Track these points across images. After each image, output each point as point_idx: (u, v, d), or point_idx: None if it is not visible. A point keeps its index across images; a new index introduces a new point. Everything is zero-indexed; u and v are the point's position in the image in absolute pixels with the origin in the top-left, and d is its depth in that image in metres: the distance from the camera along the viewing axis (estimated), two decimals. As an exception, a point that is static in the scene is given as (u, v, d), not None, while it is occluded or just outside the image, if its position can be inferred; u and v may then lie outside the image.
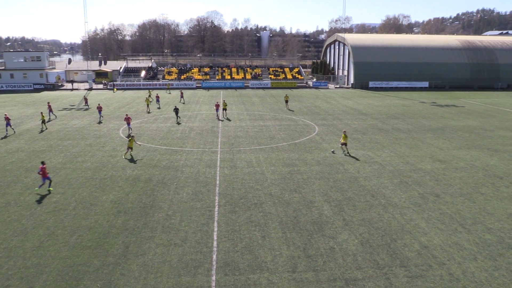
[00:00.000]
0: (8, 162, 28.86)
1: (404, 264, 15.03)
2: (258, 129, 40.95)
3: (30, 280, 13.99)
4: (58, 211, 20.03)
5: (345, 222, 18.68)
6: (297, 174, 25.95)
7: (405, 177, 25.43)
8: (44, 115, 42.00)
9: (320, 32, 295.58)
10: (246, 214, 19.62)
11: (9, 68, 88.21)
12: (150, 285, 13.69)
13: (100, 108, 47.23)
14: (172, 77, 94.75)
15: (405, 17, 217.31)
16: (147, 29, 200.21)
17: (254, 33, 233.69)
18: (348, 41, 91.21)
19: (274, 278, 14.14)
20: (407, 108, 56.37)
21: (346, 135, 30.68)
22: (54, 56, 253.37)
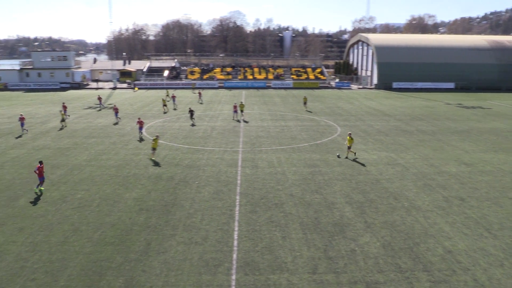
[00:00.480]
0: (35, 159, 29.57)
1: (427, 268, 14.76)
2: (280, 129, 40.88)
3: (55, 274, 14.31)
4: (82, 207, 20.43)
5: (366, 225, 18.47)
6: (319, 175, 25.80)
7: (429, 179, 24.98)
8: (63, 114, 43.15)
9: (343, 32, 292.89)
10: (266, 214, 19.61)
11: (37, 67, 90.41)
12: (171, 283, 13.82)
13: (116, 109, 46.32)
14: (194, 76, 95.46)
15: (430, 16, 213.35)
16: (171, 29, 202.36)
17: (276, 33, 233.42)
18: (371, 41, 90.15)
19: (294, 279, 14.09)
20: (432, 110, 55.36)
21: (352, 138, 29.49)
22: (80, 55, 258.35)
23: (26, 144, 34.00)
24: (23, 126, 39.07)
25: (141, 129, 37.03)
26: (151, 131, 39.50)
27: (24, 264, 14.96)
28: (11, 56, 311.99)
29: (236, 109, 48.03)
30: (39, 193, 22.39)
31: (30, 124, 43.07)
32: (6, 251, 15.92)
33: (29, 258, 15.45)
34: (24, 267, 14.79)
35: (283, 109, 55.16)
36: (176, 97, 60.51)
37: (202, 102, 62.75)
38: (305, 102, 56.45)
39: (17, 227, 18.15)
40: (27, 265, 14.94)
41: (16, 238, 17.04)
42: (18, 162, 28.71)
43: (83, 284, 13.71)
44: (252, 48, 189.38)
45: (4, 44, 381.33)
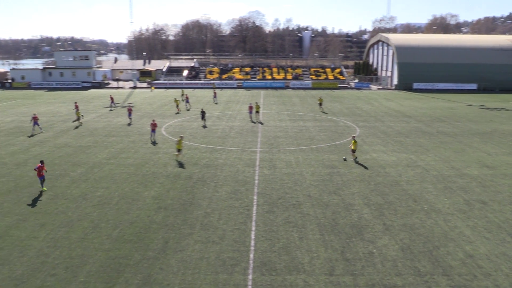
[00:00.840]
0: (56, 156, 30.15)
1: (447, 272, 14.50)
2: (298, 129, 40.74)
3: (74, 270, 14.55)
4: (102, 205, 20.73)
5: (385, 227, 18.25)
6: (337, 176, 25.61)
7: (450, 182, 24.54)
8: (78, 113, 43.87)
9: (363, 32, 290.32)
10: (284, 214, 19.56)
11: (59, 67, 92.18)
12: (188, 281, 13.90)
13: (130, 110, 45.15)
14: (213, 76, 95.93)
15: (453, 16, 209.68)
16: (190, 29, 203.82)
17: (295, 33, 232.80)
18: (392, 41, 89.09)
19: (311, 280, 14.02)
20: (454, 111, 54.39)
21: (356, 141, 28.92)
22: (101, 55, 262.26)
23: (48, 142, 34.67)
24: (37, 125, 39.16)
25: (154, 132, 35.64)
26: (170, 131, 39.85)
27: (45, 260, 15.26)
28: (35, 56, 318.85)
29: (251, 110, 47.40)
30: (44, 189, 22.76)
31: (52, 123, 43.93)
32: (28, 246, 16.26)
33: (50, 253, 15.75)
34: (45, 262, 15.08)
35: (302, 110, 54.96)
36: (189, 97, 59.20)
37: (217, 102, 62.69)
38: (320, 103, 55.60)
39: (39, 223, 18.52)
40: (48, 260, 15.23)
41: (38, 234, 17.40)
42: (40, 159, 29.25)
43: (101, 281, 13.90)
44: (271, 48, 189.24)
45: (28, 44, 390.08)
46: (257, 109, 47.15)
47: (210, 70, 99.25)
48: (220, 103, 61.98)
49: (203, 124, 42.74)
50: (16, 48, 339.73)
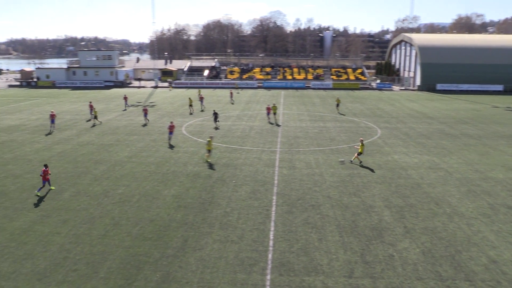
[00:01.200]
0: (79, 154, 30.70)
1: (470, 278, 14.17)
2: (318, 130, 40.50)
3: (95, 266, 14.77)
4: (123, 202, 21.01)
5: (406, 230, 17.97)
6: (357, 177, 25.35)
7: (474, 185, 24.01)
8: (96, 111, 44.09)
9: (385, 32, 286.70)
10: (303, 215, 19.46)
11: (83, 66, 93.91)
12: (206, 280, 13.96)
13: (146, 110, 44.38)
14: (234, 76, 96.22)
15: (478, 16, 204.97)
16: (211, 29, 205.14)
17: (316, 33, 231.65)
18: (415, 41, 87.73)
19: (329, 282, 13.90)
20: (478, 113, 53.21)
21: (363, 144, 27.93)
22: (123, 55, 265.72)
23: (71, 140, 35.34)
24: (53, 123, 39.76)
25: (171, 134, 34.14)
26: (190, 130, 40.13)
27: (67, 255, 15.54)
28: (59, 55, 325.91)
29: (269, 111, 45.90)
30: (40, 194, 21.93)
31: (75, 121, 44.77)
32: (51, 242, 16.60)
33: (71, 249, 16.04)
34: (67, 257, 15.36)
35: (322, 110, 54.63)
36: (204, 98, 57.81)
37: (233, 102, 62.34)
38: (338, 104, 53.91)
39: (61, 219, 18.88)
40: (70, 256, 15.51)
41: (60, 230, 17.74)
42: (64, 157, 29.88)
43: (121, 277, 14.08)
44: (292, 48, 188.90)
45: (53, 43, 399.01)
46: (274, 111, 45.84)
47: (230, 70, 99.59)
48: (240, 103, 62.12)
49: (215, 126, 41.65)
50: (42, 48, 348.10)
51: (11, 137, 36.35)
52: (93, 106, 47.68)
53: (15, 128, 40.58)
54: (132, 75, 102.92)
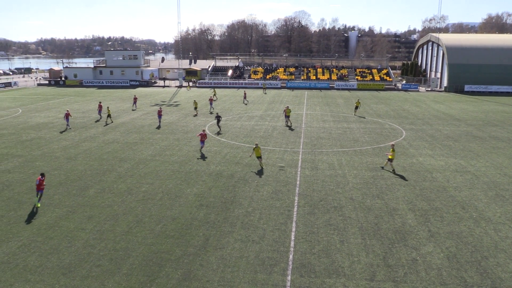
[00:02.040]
0: (104, 152, 31.28)
1: (496, 285, 13.78)
2: (342, 131, 40.13)
3: (118, 262, 15.02)
4: (146, 200, 21.29)
5: (430, 234, 17.61)
6: (381, 179, 25.00)
7: (502, 190, 23.34)
8: (109, 110, 44.25)
9: (412, 32, 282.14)
10: (325, 216, 19.31)
11: (109, 66, 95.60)
12: (227, 279, 14.00)
13: (160, 112, 42.86)
14: (258, 76, 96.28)
15: (509, 15, 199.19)
16: (236, 29, 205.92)
17: (341, 33, 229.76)
18: (442, 41, 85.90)
19: (350, 284, 13.74)
20: (508, 115, 51.71)
21: (394, 150, 26.58)
22: (149, 54, 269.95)
23: (97, 138, 36.03)
24: (68, 121, 40.30)
25: (203, 143, 31.11)
26: (214, 129, 40.33)
27: (91, 251, 15.85)
28: (87, 55, 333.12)
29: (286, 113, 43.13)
30: (38, 205, 20.24)
31: (102, 120, 45.60)
32: (76, 237, 16.96)
33: (96, 245, 16.35)
34: (91, 253, 15.67)
35: (346, 111, 54.10)
36: (213, 100, 55.98)
37: (247, 103, 61.44)
38: (357, 107, 51.05)
39: (86, 215, 19.27)
40: (94, 251, 15.82)
41: (85, 226, 18.11)
42: (90, 154, 30.50)
43: (143, 274, 14.27)
44: (316, 48, 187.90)
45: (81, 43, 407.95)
46: (288, 113, 42.98)
47: (254, 70, 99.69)
48: (263, 103, 62.10)
49: (218, 131, 39.23)
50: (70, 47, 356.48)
51: (40, 135, 37.33)
52: (102, 106, 47.17)
53: (44, 126, 41.64)
54: (157, 74, 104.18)
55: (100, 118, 46.36)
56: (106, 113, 45.44)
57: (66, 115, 40.47)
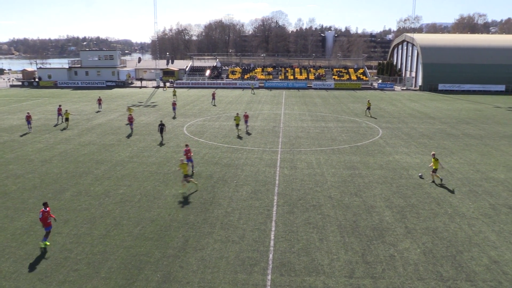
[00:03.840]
0: (80, 154, 30.74)
1: (471, 278, 14.15)
2: (320, 130, 40.47)
3: (96, 266, 14.79)
4: (124, 202, 21.02)
5: (407, 230, 17.94)
6: (358, 177, 25.33)
7: (475, 186, 23.96)
8: (69, 113, 41.91)
9: (387, 32, 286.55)
10: (304, 215, 19.45)
11: (85, 66, 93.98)
12: (207, 280, 13.96)
13: (131, 119, 39.12)
14: (236, 76, 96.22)
15: (481, 16, 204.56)
16: (213, 29, 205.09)
17: (318, 33, 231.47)
18: (417, 41, 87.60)
19: (330, 282, 13.89)
20: (480, 113, 53.11)
21: (437, 159, 24.12)
22: (125, 55, 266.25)
23: (73, 140, 35.38)
24: (30, 124, 38.90)
25: (190, 160, 25.82)
26: (192, 130, 40.12)
27: (68, 255, 15.56)
28: (61, 55, 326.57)
29: (247, 118, 40.08)
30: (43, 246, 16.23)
31: (77, 121, 44.81)
32: (52, 242, 16.61)
33: (73, 249, 16.06)
34: (68, 257, 15.38)
35: (324, 110, 54.59)
36: (176, 104, 51.79)
37: (216, 104, 59.80)
38: (368, 107, 50.36)
39: (63, 219, 18.90)
40: (71, 256, 15.53)
41: (61, 230, 17.76)
42: (65, 156, 29.92)
43: (122, 277, 14.09)
44: (293, 48, 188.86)
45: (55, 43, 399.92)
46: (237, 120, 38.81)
47: (232, 70, 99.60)
48: (241, 103, 62.11)
49: (161, 141, 35.18)
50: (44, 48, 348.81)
51: (13, 137, 36.42)
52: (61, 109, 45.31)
53: (17, 128, 40.65)
54: (134, 75, 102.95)
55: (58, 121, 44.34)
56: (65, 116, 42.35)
57: (27, 117, 39.14)
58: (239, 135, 37.51)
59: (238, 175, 25.63)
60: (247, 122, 39.95)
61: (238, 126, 37.53)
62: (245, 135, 37.49)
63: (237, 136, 37.22)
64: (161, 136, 36.07)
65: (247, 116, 40.12)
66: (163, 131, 35.60)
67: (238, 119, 38.70)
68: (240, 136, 36.97)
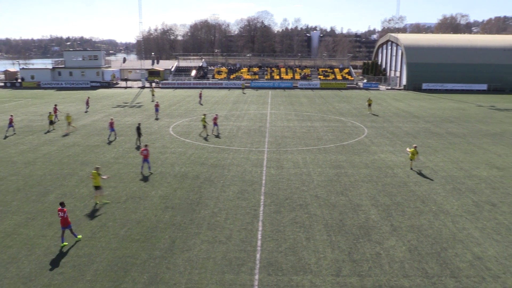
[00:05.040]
0: (65, 155, 30.36)
1: (455, 274, 14.36)
2: (306, 130, 40.64)
3: (82, 269, 14.63)
4: (109, 204, 20.82)
5: (393, 228, 18.13)
6: (344, 176, 25.51)
7: (459, 183, 24.33)
8: (52, 116, 40.71)
9: (372, 32, 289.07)
10: (291, 215, 19.52)
11: (69, 67, 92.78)
12: (194, 280, 13.92)
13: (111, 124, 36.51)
14: (221, 76, 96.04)
15: (463, 16, 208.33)
16: (199, 29, 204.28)
17: (304, 33, 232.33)
18: (401, 41, 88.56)
19: (317, 281, 13.96)
20: (463, 112, 53.94)
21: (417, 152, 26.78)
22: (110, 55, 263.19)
23: (57, 141, 34.93)
24: (11, 127, 38.24)
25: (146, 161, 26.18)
26: (178, 130, 39.94)
27: (53, 258, 15.36)
28: (44, 56, 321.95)
29: (216, 121, 39.07)
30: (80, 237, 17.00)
31: (61, 122, 44.22)
32: (36, 245, 16.38)
33: (57, 252, 15.85)
34: (52, 260, 15.18)
35: (310, 110, 54.83)
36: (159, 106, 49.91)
37: (202, 104, 60.18)
38: (369, 104, 52.73)
39: (47, 221, 18.65)
40: (56, 259, 15.33)
41: (46, 233, 17.52)
42: (49, 158, 29.52)
43: (108, 279, 13.96)
44: (279, 48, 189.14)
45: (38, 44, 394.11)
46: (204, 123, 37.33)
47: (218, 70, 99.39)
48: (228, 103, 62.04)
49: (138, 145, 33.89)
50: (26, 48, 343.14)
51: (-5, 139, 35.77)
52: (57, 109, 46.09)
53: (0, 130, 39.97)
54: (119, 75, 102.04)
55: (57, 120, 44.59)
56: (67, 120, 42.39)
57: (10, 120, 38.49)
58: (204, 136, 37.04)
59: (224, 175, 25.60)
60: (216, 124, 38.85)
61: (206, 127, 36.85)
62: (214, 138, 37.44)
63: (200, 135, 37.41)
64: (139, 140, 34.27)
65: (216, 118, 39.35)
66: (140, 134, 34.06)
67: (205, 121, 37.15)
68: (206, 138, 36.36)
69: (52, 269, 14.61)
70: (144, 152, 25.68)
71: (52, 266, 14.81)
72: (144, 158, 25.89)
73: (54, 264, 14.91)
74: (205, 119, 37.13)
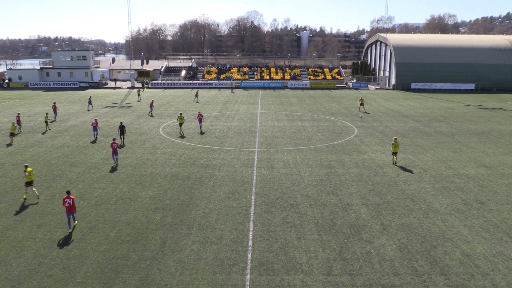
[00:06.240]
0: (54, 157, 30.07)
1: (445, 272, 14.51)
2: (296, 129, 40.73)
3: (72, 271, 14.50)
4: (99, 205, 20.67)
5: (383, 227, 18.26)
6: (335, 176, 25.62)
7: (448, 182, 24.58)
8: (47, 117, 40.54)
9: (361, 32, 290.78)
10: (282, 214, 19.55)
11: (57, 67, 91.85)
12: (186, 281, 13.88)
13: (95, 125, 36.16)
14: (211, 76, 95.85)
15: (450, 16, 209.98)
16: (188, 29, 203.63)
17: (294, 33, 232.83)
18: (390, 41, 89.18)
19: (308, 280, 14.01)
20: (451, 111, 54.49)
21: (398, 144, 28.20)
22: (99, 55, 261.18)
23: (45, 143, 34.58)
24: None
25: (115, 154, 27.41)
26: (168, 131, 39.78)
27: (42, 260, 15.21)
28: (32, 56, 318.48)
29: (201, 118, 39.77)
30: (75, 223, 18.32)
31: (49, 123, 43.77)
32: (25, 247, 16.21)
33: (47, 254, 15.70)
34: (42, 263, 15.03)
35: (300, 110, 54.96)
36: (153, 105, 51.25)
37: (199, 102, 62.82)
38: (361, 104, 53.80)
39: (36, 223, 18.46)
40: (45, 261, 15.18)
41: (35, 235, 17.34)
42: (38, 160, 29.22)
43: (99, 281, 13.86)
44: (269, 48, 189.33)
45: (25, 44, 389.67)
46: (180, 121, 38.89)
47: (208, 70, 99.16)
48: (218, 103, 61.96)
49: (121, 143, 33.88)
50: (14, 48, 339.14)
51: (-18, 141, 35.31)
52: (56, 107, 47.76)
53: (-14, 131, 39.42)
54: (108, 75, 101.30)
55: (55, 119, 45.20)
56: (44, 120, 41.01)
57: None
58: (183, 135, 37.87)
59: (215, 175, 25.56)
60: (201, 122, 39.93)
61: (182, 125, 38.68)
62: (205, 138, 37.41)
63: (180, 136, 37.43)
64: (121, 139, 34.24)
65: (201, 115, 40.46)
66: (123, 133, 33.93)
67: (182, 119, 38.85)
68: (183, 135, 37.32)
69: (42, 271, 14.46)
70: (113, 146, 27.10)
71: (42, 268, 14.66)
72: (113, 151, 27.32)
73: (44, 267, 14.77)
74: (182, 117, 38.95)
